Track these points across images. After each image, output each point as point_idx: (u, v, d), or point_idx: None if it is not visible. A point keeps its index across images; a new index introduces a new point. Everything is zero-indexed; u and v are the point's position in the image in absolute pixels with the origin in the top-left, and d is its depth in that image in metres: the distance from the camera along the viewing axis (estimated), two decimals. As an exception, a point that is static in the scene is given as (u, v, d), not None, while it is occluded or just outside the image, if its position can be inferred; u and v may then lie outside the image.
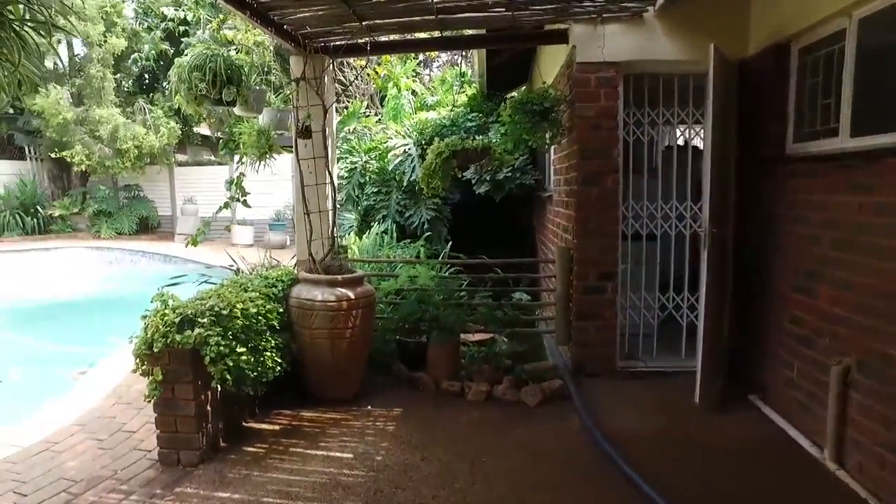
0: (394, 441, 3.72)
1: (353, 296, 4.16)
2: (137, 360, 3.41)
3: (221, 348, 3.36)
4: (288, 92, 4.56)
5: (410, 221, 7.12)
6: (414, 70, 8.97)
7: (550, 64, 5.61)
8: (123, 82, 15.31)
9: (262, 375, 3.68)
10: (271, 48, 4.47)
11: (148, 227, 15.99)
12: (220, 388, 3.54)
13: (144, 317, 3.47)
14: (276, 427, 3.97)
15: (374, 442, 3.71)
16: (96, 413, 4.29)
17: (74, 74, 14.37)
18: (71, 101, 14.31)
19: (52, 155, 14.64)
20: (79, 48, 15.05)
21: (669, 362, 4.60)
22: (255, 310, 3.73)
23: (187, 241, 4.05)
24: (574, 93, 4.47)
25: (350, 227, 7.54)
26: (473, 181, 6.81)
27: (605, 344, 4.63)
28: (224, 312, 3.49)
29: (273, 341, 3.86)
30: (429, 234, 6.82)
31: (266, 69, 4.40)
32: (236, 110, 3.74)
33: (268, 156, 4.07)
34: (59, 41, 13.84)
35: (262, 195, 14.95)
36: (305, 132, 4.46)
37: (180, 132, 14.28)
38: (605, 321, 4.60)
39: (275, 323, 3.92)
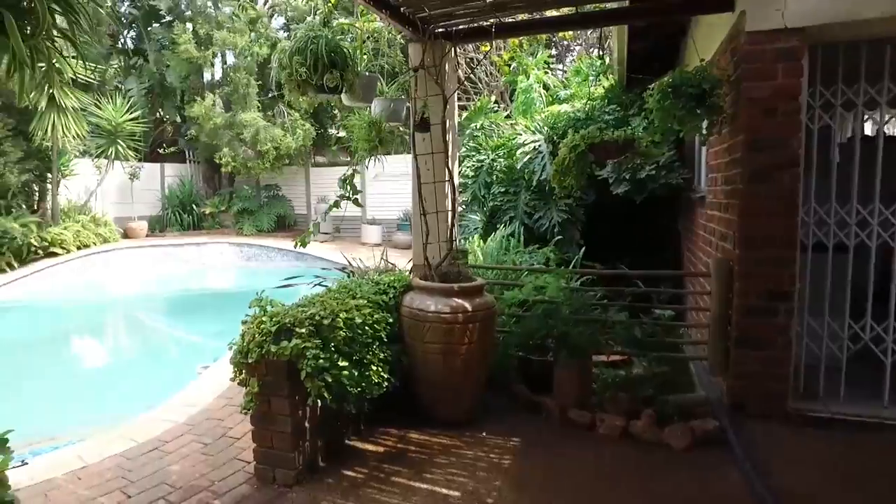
0: (508, 481, 3.18)
1: (470, 307, 3.68)
2: (234, 369, 3.19)
3: (320, 362, 3.03)
4: (402, 79, 4.19)
5: (539, 224, 6.53)
6: (545, 61, 8.35)
7: (707, 39, 4.75)
8: (265, 87, 16.24)
9: (367, 392, 3.32)
10: (386, 34, 4.14)
11: (285, 224, 16.79)
12: (320, 403, 3.22)
13: (244, 322, 3.25)
14: (381, 449, 3.59)
15: (486, 479, 3.20)
16: (206, 414, 4.22)
17: (224, 82, 15.45)
18: (222, 107, 15.41)
19: (206, 158, 15.89)
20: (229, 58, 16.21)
21: (866, 409, 3.60)
22: (360, 319, 3.37)
23: (296, 242, 3.82)
24: (741, 70, 3.64)
25: (475, 228, 7.12)
26: (610, 180, 6.07)
27: (773, 379, 3.73)
28: (325, 322, 3.17)
29: (381, 354, 3.49)
30: (559, 238, 6.18)
31: (378, 54, 4.05)
32: (344, 99, 3.41)
33: (379, 151, 3.69)
34: (214, 54, 14.96)
35: (388, 195, 15.19)
36: (423, 125, 4.06)
37: (315, 133, 14.79)
38: (774, 351, 3.70)
39: (383, 334, 3.55)
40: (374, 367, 3.41)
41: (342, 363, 3.17)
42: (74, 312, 10.41)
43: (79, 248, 12.40)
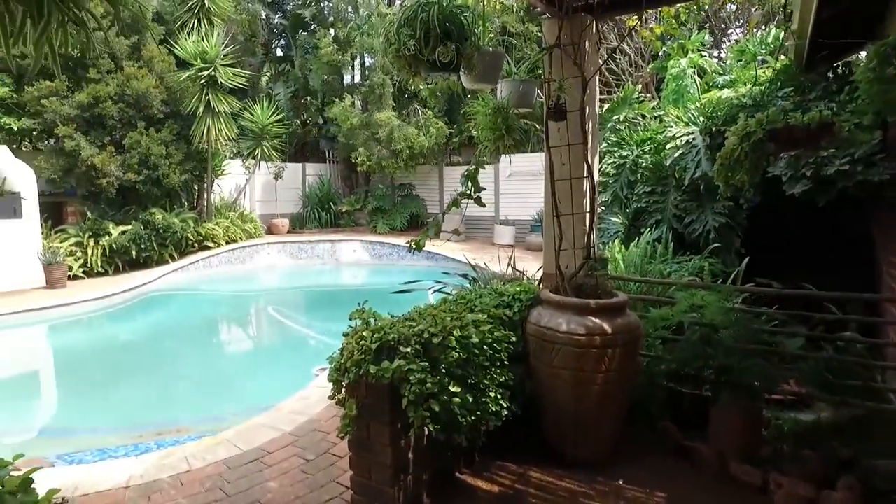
0: (655, 556, 2.53)
1: (609, 329, 3.05)
2: (333, 387, 2.85)
3: (427, 386, 2.59)
4: (534, 59, 3.63)
5: (691, 229, 5.64)
6: (701, 42, 7.30)
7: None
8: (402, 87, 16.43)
9: (482, 422, 2.84)
10: (516, 6, 3.60)
11: (418, 223, 16.85)
12: (427, 432, 2.79)
13: (345, 334, 2.90)
14: (496, 488, 3.08)
15: (625, 548, 2.57)
16: (314, 424, 3.98)
17: (362, 83, 15.82)
18: (359, 107, 15.80)
19: (343, 157, 16.39)
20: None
21: None
22: (478, 338, 2.88)
23: (410, 244, 3.42)
24: None
25: (615, 233, 6.36)
26: (784, 178, 5.03)
27: None
28: (435, 341, 2.72)
29: (500, 378, 2.99)
30: (716, 245, 5.26)
31: (505, 31, 3.52)
32: (464, 80, 2.95)
33: (505, 140, 3.17)
34: (353, 56, 15.34)
35: (523, 194, 14.64)
36: (558, 112, 3.48)
37: (449, 132, 14.62)
38: None
39: (504, 356, 3.04)
40: (492, 394, 2.92)
41: (453, 388, 2.71)
42: (216, 302, 11.08)
43: (227, 242, 13.26)
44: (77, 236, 10.73)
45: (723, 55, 10.95)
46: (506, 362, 3.06)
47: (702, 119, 5.96)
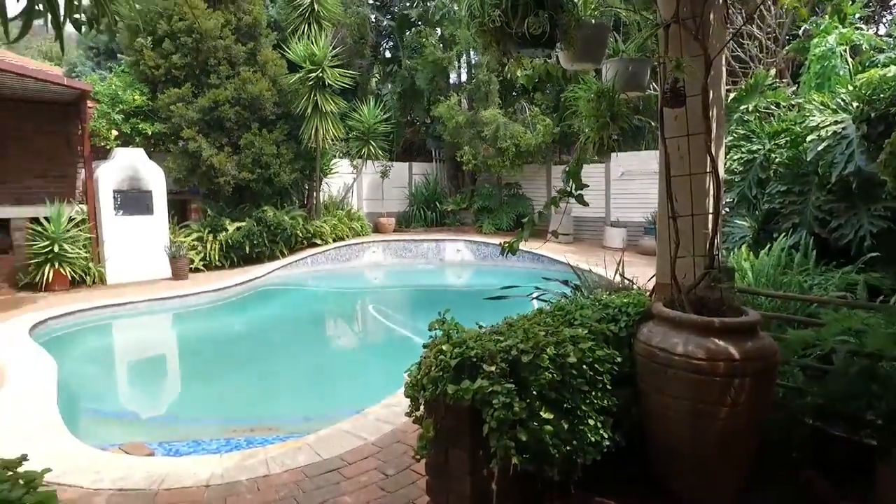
0: None
1: (737, 353, 2.53)
2: (410, 403, 2.57)
3: (514, 411, 2.25)
4: (645, 35, 3.12)
5: (839, 234, 4.81)
6: (859, 10, 6.27)
7: None
8: (509, 83, 16.03)
9: (578, 453, 2.45)
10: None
11: (524, 225, 16.42)
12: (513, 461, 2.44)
13: (426, 346, 2.62)
14: (595, 532, 2.67)
15: None
16: (397, 436, 3.75)
17: (468, 81, 15.64)
18: (465, 106, 15.63)
19: (450, 157, 16.32)
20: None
21: None
22: (576, 357, 2.49)
23: (503, 247, 3.08)
24: None
25: (741, 238, 5.62)
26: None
27: None
28: (525, 359, 2.36)
29: (601, 403, 2.58)
30: (874, 254, 4.41)
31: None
32: (562, 60, 2.55)
33: (610, 129, 2.73)
34: (458, 53, 15.19)
35: (636, 195, 13.76)
36: (675, 97, 2.97)
37: (557, 129, 14.05)
38: None
39: (606, 378, 2.62)
40: (591, 422, 2.52)
41: (545, 414, 2.35)
42: (320, 298, 11.34)
43: (334, 239, 13.59)
44: (198, 232, 11.41)
45: (881, 31, 9.52)
46: (608, 385, 2.64)
47: (855, 105, 5.08)
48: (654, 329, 2.81)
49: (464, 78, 17.33)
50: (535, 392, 2.37)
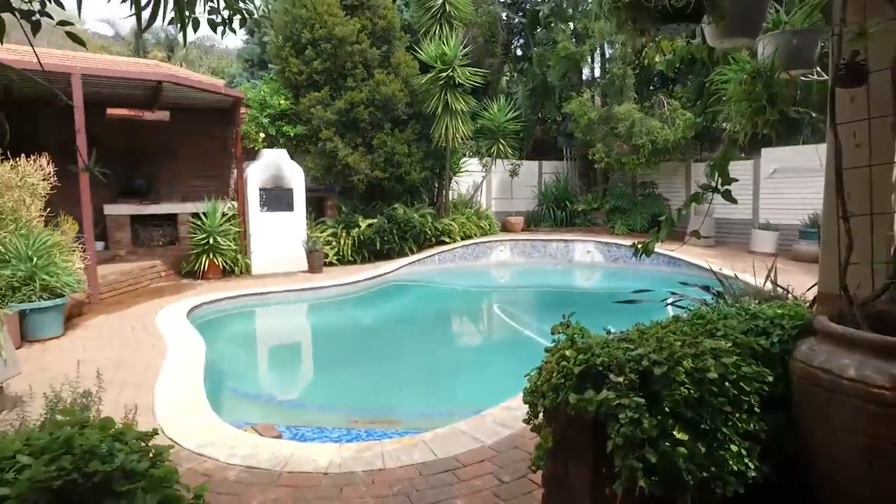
0: None
1: (929, 382, 2.06)
2: (528, 410, 2.40)
3: (643, 428, 2.00)
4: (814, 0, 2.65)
5: None
6: None
7: None
8: (646, 76, 15.16)
9: (716, 482, 2.14)
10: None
11: (659, 224, 15.45)
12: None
13: (547, 350, 2.43)
14: (736, 576, 2.32)
15: None
16: (515, 441, 3.59)
17: (602, 76, 15.01)
18: (599, 101, 15.04)
19: (581, 154, 15.80)
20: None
21: None
22: (717, 372, 2.18)
23: (637, 248, 2.80)
24: None
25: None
26: None
27: None
28: (658, 371, 2.10)
29: (746, 427, 2.24)
30: None
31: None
32: (709, 37, 2.21)
33: (767, 114, 2.34)
34: (592, 47, 14.62)
35: (789, 195, 12.37)
36: (853, 74, 2.50)
37: (699, 122, 13.02)
38: None
39: (753, 399, 2.27)
40: (734, 447, 2.19)
41: (679, 434, 2.08)
42: (446, 296, 11.43)
43: (462, 238, 13.67)
44: (333, 228, 12.03)
45: None
46: (756, 408, 2.29)
47: None
48: (816, 347, 2.39)
49: (597, 73, 16.70)
50: (667, 408, 2.10)
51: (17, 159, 7.01)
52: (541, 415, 2.38)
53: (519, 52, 18.74)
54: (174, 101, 10.64)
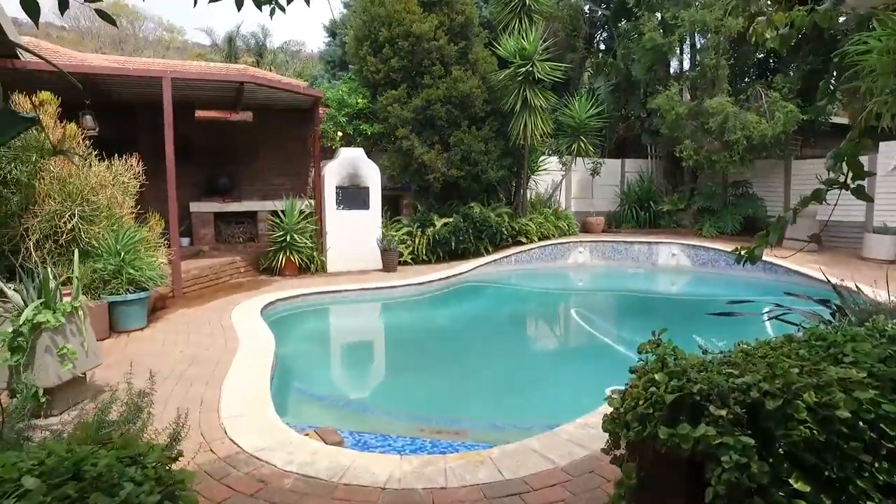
0: None
1: None
2: (609, 438, 2.06)
3: (750, 474, 1.63)
4: None
5: None
6: None
7: None
8: (741, 67, 14.10)
9: (848, 548, 1.72)
10: None
11: (754, 227, 14.35)
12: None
13: (632, 371, 2.08)
14: None
15: None
16: (591, 464, 3.25)
17: (691, 68, 14.09)
18: (688, 95, 14.14)
19: (667, 152, 14.96)
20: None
21: None
22: (848, 409, 1.76)
23: (738, 252, 2.39)
24: None
25: None
26: None
27: None
28: (771, 404, 1.72)
29: (888, 478, 1.81)
30: None
31: None
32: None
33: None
34: (680, 37, 13.76)
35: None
36: None
37: (801, 118, 11.93)
38: None
39: (892, 443, 1.83)
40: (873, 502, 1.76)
41: (797, 484, 1.70)
42: (521, 298, 11.06)
43: (540, 238, 13.24)
44: (408, 226, 11.95)
45: None
46: (898, 453, 1.85)
47: None
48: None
49: (686, 65, 15.72)
50: (782, 451, 1.72)
51: (112, 159, 7.32)
52: (623, 446, 2.04)
53: (602, 47, 18.02)
54: (257, 102, 10.91)
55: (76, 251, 4.88)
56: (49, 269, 4.38)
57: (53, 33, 28.93)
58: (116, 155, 7.51)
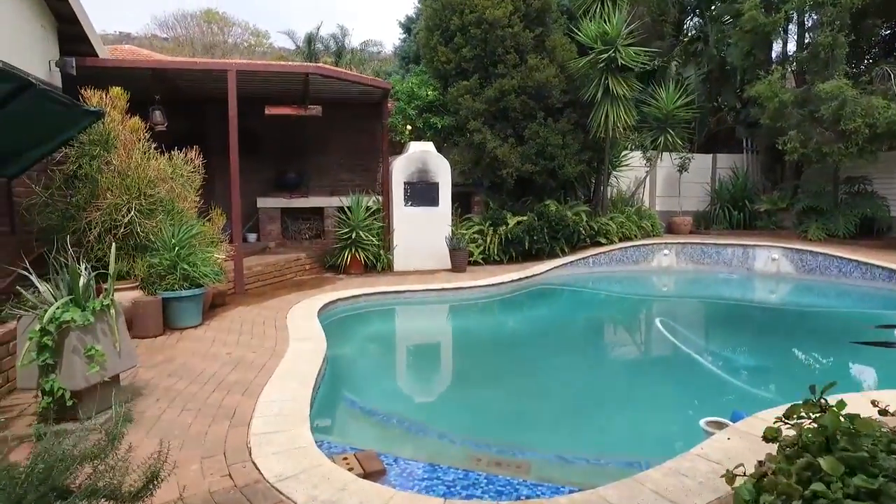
0: None
1: None
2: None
3: None
4: None
5: None
6: None
7: None
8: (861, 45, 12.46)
9: None
10: None
11: (872, 229, 12.68)
12: None
13: (768, 438, 1.36)
14: None
15: None
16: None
17: (799, 50, 12.60)
18: (793, 81, 12.67)
19: (766, 145, 13.51)
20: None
21: None
22: None
23: None
24: None
25: None
26: None
27: None
28: None
29: None
30: None
31: None
32: None
33: None
34: (786, 15, 12.33)
35: None
36: None
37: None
38: None
39: None
40: None
41: None
42: (599, 304, 10.19)
43: (620, 239, 12.27)
44: (479, 225, 11.34)
45: None
46: None
47: None
48: None
49: (791, 48, 14.16)
50: None
51: (171, 152, 7.18)
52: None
53: (692, 33, 16.63)
54: (326, 96, 10.66)
55: (112, 245, 4.59)
56: (83, 264, 4.10)
57: (157, 44, 30.85)
58: (185, 150, 7.38)
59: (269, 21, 54.36)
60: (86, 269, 4.05)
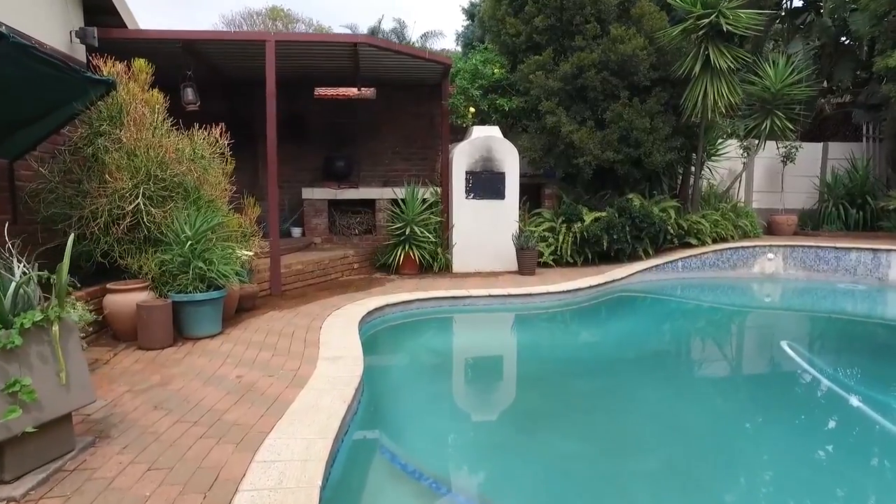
0: None
1: None
2: None
3: None
4: None
5: None
6: None
7: None
8: None
9: None
10: None
11: None
12: None
13: None
14: None
15: None
16: None
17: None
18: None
19: (894, 132, 11.35)
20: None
21: None
22: None
23: None
24: None
25: None
26: None
27: None
28: None
29: None
30: None
31: None
32: None
33: None
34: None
35: None
36: None
37: None
38: None
39: None
40: None
41: None
42: (694, 316, 8.52)
43: (713, 240, 10.56)
44: (550, 221, 9.90)
45: None
46: None
47: None
48: None
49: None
50: None
51: (191, 130, 6.15)
52: None
53: (798, 4, 14.51)
54: (378, 75, 9.53)
55: (71, 235, 3.45)
56: (17, 260, 3.01)
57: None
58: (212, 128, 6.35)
59: (331, 17, 54.28)
60: (21, 265, 2.95)
